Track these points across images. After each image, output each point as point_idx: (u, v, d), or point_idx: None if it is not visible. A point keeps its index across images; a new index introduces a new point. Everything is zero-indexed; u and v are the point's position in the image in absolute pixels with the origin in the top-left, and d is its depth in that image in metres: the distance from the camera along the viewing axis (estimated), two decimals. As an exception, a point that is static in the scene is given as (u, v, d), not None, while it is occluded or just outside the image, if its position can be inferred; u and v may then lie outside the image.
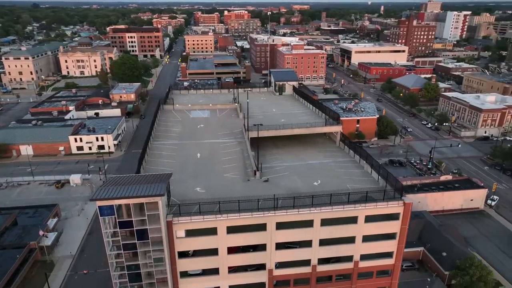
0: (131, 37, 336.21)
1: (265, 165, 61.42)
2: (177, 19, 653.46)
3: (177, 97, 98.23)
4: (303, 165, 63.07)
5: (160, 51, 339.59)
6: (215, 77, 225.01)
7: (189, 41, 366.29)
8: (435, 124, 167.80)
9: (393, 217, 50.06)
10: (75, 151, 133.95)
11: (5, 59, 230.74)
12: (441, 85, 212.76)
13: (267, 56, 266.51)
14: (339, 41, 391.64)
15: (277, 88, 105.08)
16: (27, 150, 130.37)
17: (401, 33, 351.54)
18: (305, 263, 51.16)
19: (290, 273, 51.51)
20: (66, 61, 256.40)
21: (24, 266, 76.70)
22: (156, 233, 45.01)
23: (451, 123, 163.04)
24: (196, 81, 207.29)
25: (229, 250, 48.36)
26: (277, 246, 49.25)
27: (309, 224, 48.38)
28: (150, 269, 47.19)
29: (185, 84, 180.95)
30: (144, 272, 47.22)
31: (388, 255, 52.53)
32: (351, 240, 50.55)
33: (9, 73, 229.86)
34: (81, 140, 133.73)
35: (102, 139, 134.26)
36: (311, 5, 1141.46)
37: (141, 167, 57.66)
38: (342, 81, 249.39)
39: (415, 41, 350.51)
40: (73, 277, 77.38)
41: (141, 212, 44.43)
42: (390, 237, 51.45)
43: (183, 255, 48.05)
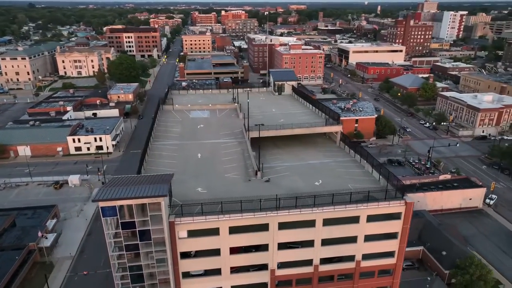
0: (129, 37, 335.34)
1: (265, 165, 61.30)
2: (174, 19, 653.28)
3: (176, 97, 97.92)
4: (303, 165, 63.06)
5: (157, 51, 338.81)
6: (213, 77, 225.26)
7: (186, 41, 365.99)
8: (433, 123, 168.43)
9: (394, 217, 50.14)
10: (73, 151, 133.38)
11: (2, 59, 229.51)
12: (438, 84, 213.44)
13: (265, 56, 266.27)
14: (336, 41, 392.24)
15: (276, 88, 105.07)
16: (25, 150, 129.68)
17: (399, 33, 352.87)
18: (307, 263, 51.16)
19: (292, 273, 51.48)
20: (63, 61, 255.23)
21: (23, 267, 76.28)
22: (158, 234, 44.94)
23: (449, 123, 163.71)
24: (194, 81, 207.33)
25: (231, 250, 48.29)
26: (279, 246, 49.19)
27: (311, 224, 48.39)
28: (152, 270, 47.12)
29: (183, 84, 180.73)
30: (146, 273, 47.15)
31: (389, 254, 52.65)
32: (353, 239, 50.61)
33: (6, 73, 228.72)
34: (79, 140, 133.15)
35: (100, 139, 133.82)
36: (308, 5, 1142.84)
37: (142, 167, 57.50)
38: (340, 81, 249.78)
39: (412, 41, 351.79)
40: (73, 278, 77.11)
41: (143, 212, 44.30)
42: (391, 236, 51.59)
43: (185, 255, 47.91)
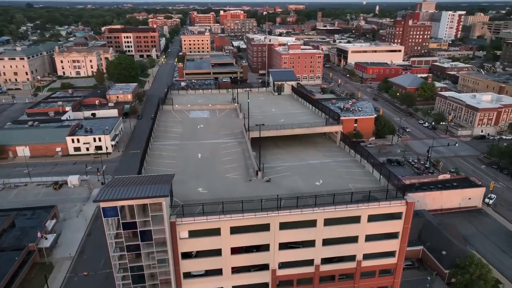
0: (127, 37, 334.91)
1: (266, 165, 61.31)
2: (173, 19, 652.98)
3: (176, 97, 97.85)
4: (304, 165, 63.11)
5: (156, 51, 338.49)
6: (212, 77, 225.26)
7: (185, 41, 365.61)
8: (432, 123, 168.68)
9: (395, 217, 50.25)
10: (72, 152, 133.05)
11: (0, 59, 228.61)
12: (437, 84, 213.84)
13: (264, 56, 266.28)
14: (335, 41, 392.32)
15: (275, 88, 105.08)
16: (24, 151, 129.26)
17: (397, 32, 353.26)
18: (308, 263, 51.21)
19: (293, 273, 51.52)
20: (61, 62, 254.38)
21: (23, 268, 76.05)
22: (159, 234, 44.85)
23: (448, 122, 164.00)
24: (193, 81, 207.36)
25: (232, 250, 48.31)
26: (281, 246, 49.23)
27: (312, 224, 48.42)
28: (153, 270, 47.04)
29: (182, 84, 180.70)
30: (147, 273, 47.06)
31: (390, 254, 52.76)
32: (354, 239, 50.69)
33: (4, 73, 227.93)
34: (78, 141, 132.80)
35: (99, 139, 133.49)
36: (307, 5, 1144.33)
37: (142, 167, 57.41)
38: (339, 80, 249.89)
39: (410, 40, 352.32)
40: (72, 279, 76.89)
41: (144, 213, 44.22)
42: (392, 236, 51.72)
43: (186, 256, 47.91)
